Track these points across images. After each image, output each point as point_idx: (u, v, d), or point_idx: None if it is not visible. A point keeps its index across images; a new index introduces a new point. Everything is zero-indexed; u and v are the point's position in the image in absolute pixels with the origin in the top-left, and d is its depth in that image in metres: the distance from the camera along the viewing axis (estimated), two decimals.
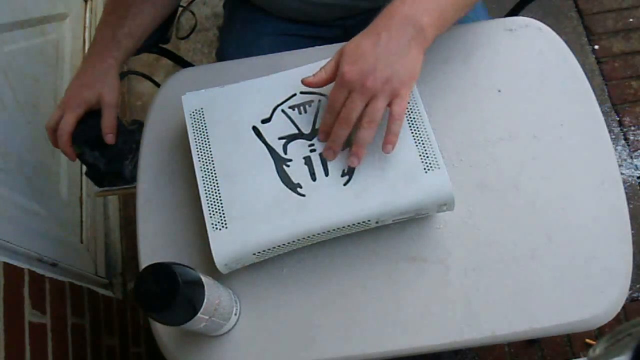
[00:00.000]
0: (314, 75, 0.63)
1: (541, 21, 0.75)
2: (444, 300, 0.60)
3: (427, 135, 0.61)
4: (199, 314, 0.51)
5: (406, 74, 0.59)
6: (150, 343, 1.32)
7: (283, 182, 0.61)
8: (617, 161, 0.86)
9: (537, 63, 0.72)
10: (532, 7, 0.94)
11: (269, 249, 0.59)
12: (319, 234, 0.59)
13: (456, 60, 0.73)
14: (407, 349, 0.59)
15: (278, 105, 0.66)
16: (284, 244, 0.59)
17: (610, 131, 1.41)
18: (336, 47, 0.77)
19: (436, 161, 0.60)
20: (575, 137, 0.67)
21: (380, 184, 0.60)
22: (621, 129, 1.49)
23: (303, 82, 0.63)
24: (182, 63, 1.12)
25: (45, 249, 0.98)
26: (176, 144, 0.73)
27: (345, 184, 0.60)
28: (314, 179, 0.61)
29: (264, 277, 0.64)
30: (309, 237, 0.60)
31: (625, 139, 1.48)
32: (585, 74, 0.71)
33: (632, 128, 1.49)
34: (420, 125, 0.62)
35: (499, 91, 0.71)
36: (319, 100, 0.66)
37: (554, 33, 0.74)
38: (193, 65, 1.03)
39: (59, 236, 1.11)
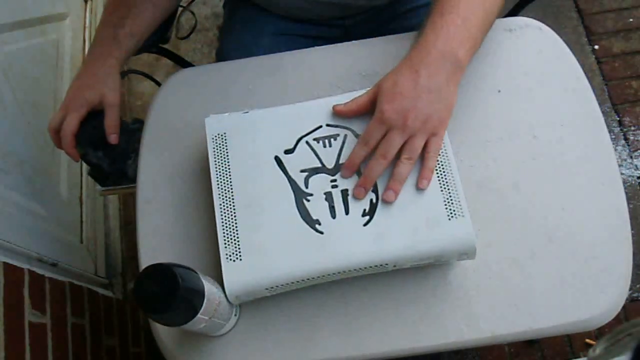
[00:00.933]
0: (345, 104, 0.64)
1: (541, 21, 0.75)
2: (444, 301, 0.60)
3: (454, 181, 0.59)
4: (199, 315, 0.51)
5: (445, 111, 0.60)
6: (150, 343, 1.32)
7: (302, 217, 0.59)
8: (617, 161, 0.86)
9: (537, 63, 0.72)
10: (532, 7, 0.94)
11: (281, 285, 0.58)
12: (334, 273, 0.58)
13: None
14: (407, 349, 0.59)
15: (303, 137, 0.64)
16: (297, 281, 0.58)
17: (610, 131, 1.42)
18: (336, 47, 0.78)
19: (461, 209, 0.58)
20: (575, 137, 0.67)
21: (401, 228, 0.58)
22: (621, 129, 1.49)
23: (334, 108, 0.64)
24: (182, 63, 1.12)
25: (45, 249, 0.98)
26: (176, 144, 0.73)
27: (365, 224, 0.58)
28: (333, 216, 0.59)
29: None
30: (323, 276, 0.58)
31: (625, 139, 1.48)
32: (585, 74, 0.71)
33: (632, 128, 1.49)
34: (447, 170, 0.60)
35: (499, 91, 0.71)
36: (345, 135, 0.63)
37: (554, 33, 0.74)
38: (193, 65, 1.03)
39: (59, 236, 1.11)
